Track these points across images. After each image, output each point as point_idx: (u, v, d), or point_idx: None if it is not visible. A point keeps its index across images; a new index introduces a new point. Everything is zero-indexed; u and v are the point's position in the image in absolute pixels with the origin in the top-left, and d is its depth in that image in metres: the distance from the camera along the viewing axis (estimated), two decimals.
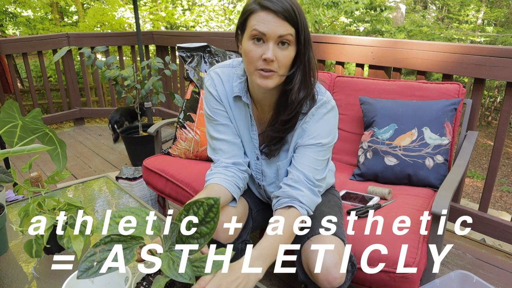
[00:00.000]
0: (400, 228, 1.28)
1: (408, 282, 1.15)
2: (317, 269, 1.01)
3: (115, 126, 3.56)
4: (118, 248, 0.69)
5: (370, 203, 1.47)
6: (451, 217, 2.01)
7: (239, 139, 1.17)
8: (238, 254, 1.18)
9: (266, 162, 1.18)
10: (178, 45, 2.06)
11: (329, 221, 1.15)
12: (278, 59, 0.95)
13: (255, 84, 1.02)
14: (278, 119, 1.07)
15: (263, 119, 1.14)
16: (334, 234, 1.08)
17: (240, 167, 1.15)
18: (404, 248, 1.19)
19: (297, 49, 0.98)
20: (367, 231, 1.28)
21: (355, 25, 9.04)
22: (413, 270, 1.14)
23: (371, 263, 1.19)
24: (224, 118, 1.14)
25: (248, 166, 1.20)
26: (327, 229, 1.09)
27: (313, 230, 1.10)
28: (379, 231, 1.27)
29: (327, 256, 1.01)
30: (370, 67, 2.26)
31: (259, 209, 1.30)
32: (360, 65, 2.35)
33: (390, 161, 1.66)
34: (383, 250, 1.20)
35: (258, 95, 1.09)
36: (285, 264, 1.80)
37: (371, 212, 1.39)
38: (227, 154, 1.15)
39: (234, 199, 1.14)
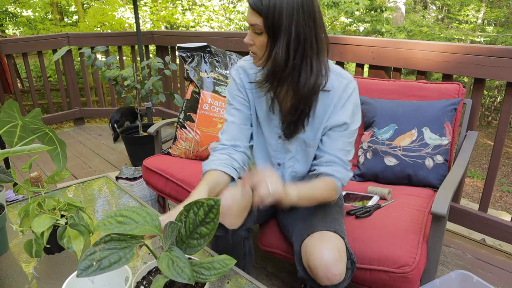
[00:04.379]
0: (400, 228, 1.28)
1: (408, 282, 1.15)
2: (317, 266, 1.02)
3: (115, 125, 3.56)
4: (118, 247, 0.69)
5: (370, 203, 1.47)
6: (451, 217, 2.01)
7: (248, 126, 1.27)
8: (241, 240, 1.21)
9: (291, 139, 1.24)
10: (178, 45, 2.06)
11: (330, 219, 1.16)
12: (255, 44, 1.08)
13: None
14: (298, 106, 1.14)
15: (284, 102, 1.20)
16: (335, 232, 1.09)
17: (238, 148, 1.25)
18: (404, 248, 1.19)
19: (268, 36, 1.05)
20: (367, 231, 1.28)
21: (355, 25, 9.04)
22: (413, 270, 1.14)
23: (371, 263, 1.19)
24: (240, 104, 1.26)
25: (250, 154, 1.31)
26: (328, 227, 1.10)
27: (314, 227, 1.11)
28: (379, 231, 1.27)
29: (327, 252, 1.02)
30: (370, 67, 2.26)
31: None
32: (360, 65, 2.35)
33: (390, 161, 1.66)
34: (383, 250, 1.20)
35: None
36: (284, 263, 1.79)
37: (371, 212, 1.40)
38: (230, 135, 1.25)
39: (233, 179, 1.21)
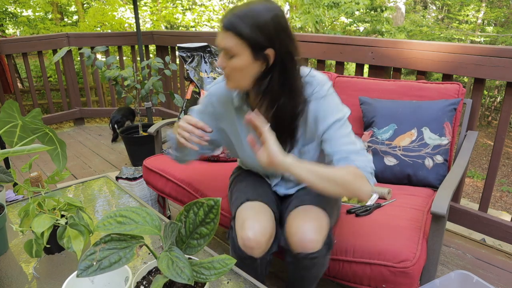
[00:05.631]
0: (400, 225, 1.29)
1: (408, 277, 1.15)
2: (294, 232, 1.08)
3: (115, 126, 3.57)
4: (118, 247, 0.69)
5: (369, 202, 1.47)
6: (451, 217, 2.01)
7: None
8: (267, 265, 1.21)
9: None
10: (178, 45, 2.06)
11: (324, 199, 1.19)
12: (228, 66, 1.07)
13: None
14: (278, 124, 1.13)
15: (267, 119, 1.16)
16: (321, 207, 1.14)
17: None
18: (405, 243, 1.20)
19: (247, 61, 1.04)
20: (367, 228, 1.29)
21: (355, 25, 9.04)
22: (414, 265, 1.14)
23: (371, 257, 1.20)
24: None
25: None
26: (316, 203, 1.15)
27: (303, 202, 1.16)
28: (379, 228, 1.28)
29: (308, 221, 1.08)
30: (370, 67, 2.26)
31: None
32: (360, 65, 2.35)
33: (390, 161, 1.66)
34: (383, 244, 1.21)
35: (253, 101, 1.18)
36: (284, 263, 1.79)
37: (370, 211, 1.40)
38: None
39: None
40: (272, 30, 1.01)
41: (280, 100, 1.09)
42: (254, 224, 1.13)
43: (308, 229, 1.07)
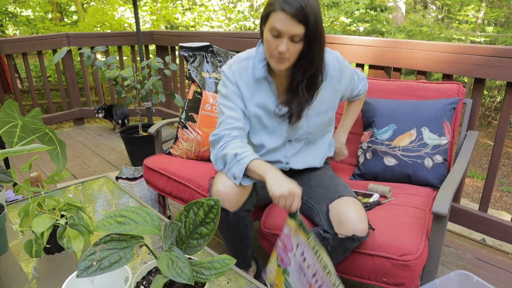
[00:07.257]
0: (403, 221, 1.30)
1: (410, 271, 1.16)
2: (347, 220, 1.18)
3: (125, 120, 3.73)
4: (118, 247, 0.69)
5: (371, 200, 1.48)
6: (451, 217, 2.01)
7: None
8: (240, 220, 1.33)
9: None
10: (180, 44, 2.06)
11: (349, 189, 1.34)
12: (289, 50, 1.20)
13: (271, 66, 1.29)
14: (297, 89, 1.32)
15: (280, 88, 1.37)
16: (357, 199, 1.27)
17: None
18: (408, 238, 1.21)
19: (305, 42, 1.20)
20: (370, 222, 1.30)
21: (355, 25, 9.03)
22: (416, 259, 1.15)
23: (373, 248, 1.21)
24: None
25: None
26: (352, 194, 1.28)
27: (341, 193, 1.27)
28: (382, 222, 1.30)
29: (357, 212, 1.19)
30: (370, 67, 2.26)
31: (264, 184, 1.34)
32: (360, 65, 2.35)
33: (389, 161, 1.66)
34: (386, 237, 1.22)
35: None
36: None
37: (370, 207, 1.41)
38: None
39: None
40: (318, 14, 1.17)
41: (311, 71, 1.26)
42: (225, 180, 1.25)
43: (359, 219, 1.18)
